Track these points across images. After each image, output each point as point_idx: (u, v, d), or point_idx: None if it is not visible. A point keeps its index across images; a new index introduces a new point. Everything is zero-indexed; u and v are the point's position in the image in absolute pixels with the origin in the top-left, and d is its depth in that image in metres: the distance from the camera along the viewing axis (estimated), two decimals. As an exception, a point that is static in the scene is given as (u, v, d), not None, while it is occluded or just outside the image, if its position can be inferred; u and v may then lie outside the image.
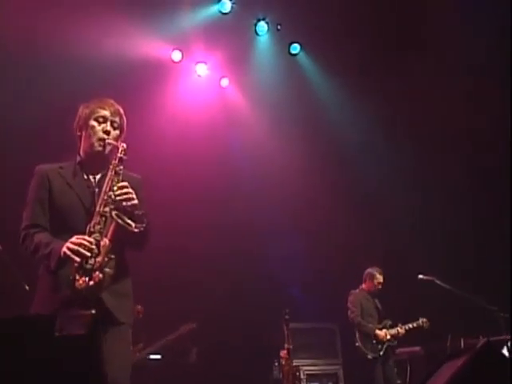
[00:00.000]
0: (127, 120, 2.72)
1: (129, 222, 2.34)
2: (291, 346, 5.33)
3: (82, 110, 2.62)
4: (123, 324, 2.47)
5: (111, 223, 2.35)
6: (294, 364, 6.05)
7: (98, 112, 2.57)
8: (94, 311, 1.51)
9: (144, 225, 2.35)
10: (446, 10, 5.79)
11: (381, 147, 6.89)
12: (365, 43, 6.31)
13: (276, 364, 5.91)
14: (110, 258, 2.31)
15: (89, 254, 2.26)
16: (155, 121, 6.01)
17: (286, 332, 5.35)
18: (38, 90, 5.05)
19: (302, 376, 6.07)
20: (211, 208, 6.44)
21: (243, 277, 6.61)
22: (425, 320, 5.85)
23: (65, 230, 2.38)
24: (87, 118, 2.57)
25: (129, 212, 2.36)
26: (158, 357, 5.69)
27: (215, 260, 6.47)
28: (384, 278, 5.96)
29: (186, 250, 6.30)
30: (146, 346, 5.62)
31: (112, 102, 2.65)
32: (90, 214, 2.40)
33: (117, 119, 2.60)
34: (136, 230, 2.33)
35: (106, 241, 2.32)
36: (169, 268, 6.16)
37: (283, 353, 5.35)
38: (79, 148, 2.64)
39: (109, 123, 2.57)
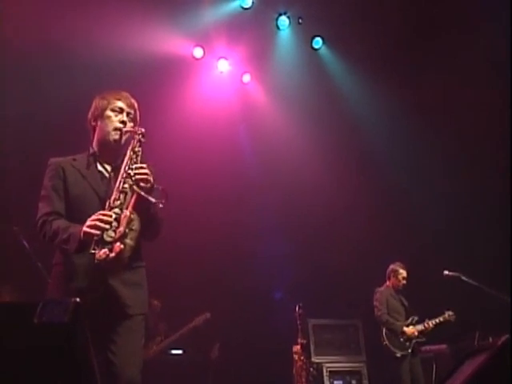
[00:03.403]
0: (149, 116, 2.75)
1: (148, 197, 2.35)
2: (305, 341, 5.29)
3: (99, 101, 2.65)
4: (135, 315, 2.46)
5: (131, 197, 2.36)
6: (317, 360, 6.03)
7: (114, 103, 2.61)
8: (78, 299, 1.48)
9: (163, 201, 2.36)
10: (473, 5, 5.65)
11: (405, 141, 6.77)
12: (388, 36, 6.21)
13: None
14: (132, 229, 2.29)
15: (107, 226, 2.25)
16: (177, 117, 6.04)
17: (299, 327, 5.32)
18: (60, 89, 5.11)
19: (324, 373, 6.04)
20: (228, 203, 6.46)
21: (264, 272, 6.62)
22: (451, 313, 5.74)
23: (79, 220, 2.39)
24: (104, 109, 2.60)
25: (147, 190, 2.37)
26: (180, 352, 5.73)
27: (235, 256, 6.49)
28: (408, 274, 5.87)
29: (202, 246, 6.33)
30: (164, 339, 5.68)
31: (127, 94, 2.69)
32: (103, 204, 2.41)
33: (132, 111, 2.65)
34: (155, 201, 2.34)
35: (126, 213, 2.31)
36: (188, 264, 6.19)
37: (296, 348, 5.31)
38: (92, 139, 2.66)
39: (125, 114, 2.61)
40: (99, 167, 2.61)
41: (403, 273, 5.85)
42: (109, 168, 2.61)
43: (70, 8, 5.12)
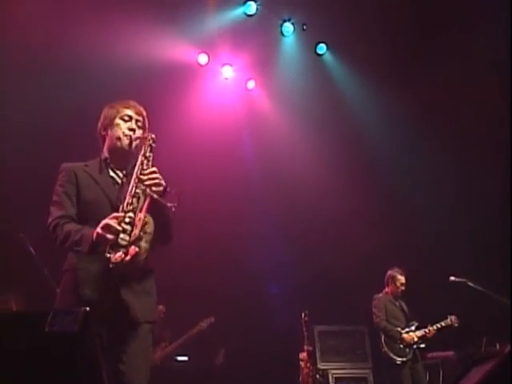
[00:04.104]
0: (154, 122, 2.78)
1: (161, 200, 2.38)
2: (311, 348, 5.28)
3: (108, 110, 2.69)
4: (144, 323, 2.46)
5: (144, 201, 2.38)
6: (323, 367, 6.01)
7: (123, 111, 2.66)
8: (87, 308, 1.49)
9: (176, 204, 2.38)
10: (474, 6, 5.65)
11: (409, 147, 6.77)
12: (392, 41, 6.21)
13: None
14: (146, 232, 2.30)
15: (120, 228, 2.26)
16: (182, 123, 6.06)
17: (305, 334, 5.31)
18: (64, 95, 5.15)
19: (330, 379, 6.01)
20: (232, 209, 6.47)
21: (268, 278, 6.62)
22: (453, 318, 5.64)
23: (92, 225, 2.39)
24: (113, 118, 2.65)
25: (159, 194, 2.40)
26: (185, 358, 5.73)
27: (239, 262, 6.49)
28: (407, 279, 5.83)
29: (207, 251, 6.35)
30: (169, 345, 5.68)
31: (135, 103, 2.73)
32: (115, 209, 2.42)
33: (140, 119, 2.69)
34: (169, 205, 2.36)
35: (140, 216, 2.32)
36: (192, 269, 6.20)
37: (302, 355, 5.30)
38: (102, 147, 2.70)
39: (134, 121, 2.65)
40: (111, 173, 2.63)
41: (401, 279, 5.80)
42: (120, 174, 2.64)
43: (76, 14, 5.15)
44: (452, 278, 5.41)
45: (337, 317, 6.44)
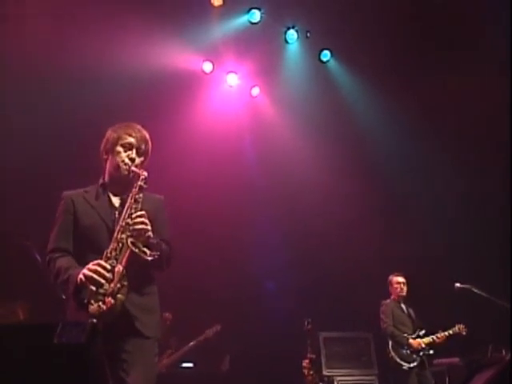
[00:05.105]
0: (160, 130, 2.81)
1: (144, 249, 2.41)
2: (314, 356, 5.29)
3: (110, 135, 2.72)
4: (148, 338, 2.51)
5: (126, 250, 2.42)
6: (328, 374, 5.99)
7: (125, 139, 2.67)
8: (94, 320, 1.54)
9: (158, 253, 2.43)
10: (479, 11, 5.66)
11: (413, 152, 6.77)
12: (395, 48, 6.23)
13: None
14: (123, 285, 2.36)
15: (103, 280, 2.33)
16: (187, 131, 6.10)
17: (308, 341, 5.34)
18: (72, 103, 5.20)
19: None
20: (237, 215, 6.49)
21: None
22: (462, 326, 5.66)
23: (90, 249, 2.50)
24: (114, 144, 2.68)
25: (144, 240, 2.43)
26: (190, 365, 5.73)
27: (244, 268, 6.50)
28: (408, 280, 5.84)
29: (212, 257, 6.36)
30: (175, 352, 5.68)
31: (139, 127, 2.74)
32: (112, 233, 2.48)
33: (142, 146, 2.70)
34: (149, 258, 2.40)
35: (120, 267, 2.38)
36: (196, 276, 6.22)
37: (305, 362, 5.31)
38: (104, 169, 2.75)
39: (134, 150, 2.67)
40: (109, 197, 2.68)
41: (398, 279, 5.85)
42: (117, 199, 2.68)
43: (83, 24, 5.21)
44: (457, 285, 5.40)
45: (340, 323, 6.42)
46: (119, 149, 2.66)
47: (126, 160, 2.63)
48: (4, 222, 4.72)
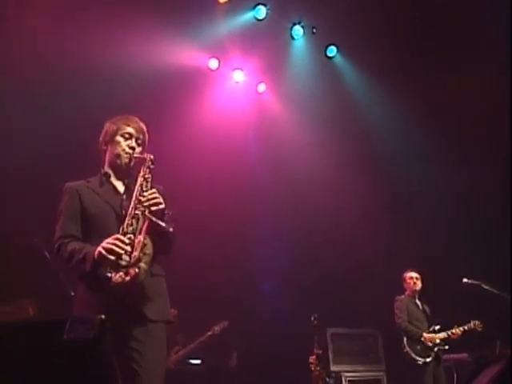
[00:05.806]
0: (166, 127, 2.83)
1: (160, 222, 2.44)
2: (320, 351, 5.31)
3: (109, 126, 2.76)
4: (156, 322, 2.51)
5: (144, 223, 2.45)
6: (335, 369, 6.00)
7: (124, 129, 2.72)
8: (103, 316, 1.55)
9: (173, 224, 2.45)
10: (479, 11, 5.63)
11: (419, 148, 6.75)
12: (402, 44, 6.20)
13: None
14: (145, 254, 2.37)
15: (122, 251, 2.35)
16: (193, 128, 6.11)
17: (315, 337, 5.36)
18: (76, 101, 5.21)
19: (343, 382, 6.00)
20: (242, 212, 6.49)
21: (278, 280, 6.63)
22: (477, 322, 5.64)
23: (100, 235, 2.48)
24: (113, 134, 2.72)
25: (158, 215, 2.46)
26: (198, 361, 5.76)
27: (249, 265, 6.52)
28: (422, 277, 5.84)
29: (218, 254, 6.37)
30: (183, 349, 5.70)
31: (136, 119, 2.80)
32: (120, 218, 2.51)
33: (141, 136, 2.75)
34: (170, 229, 2.43)
35: (140, 238, 2.40)
36: (203, 272, 6.23)
37: (312, 358, 5.33)
38: (103, 161, 2.78)
39: (134, 140, 2.72)
40: (112, 182, 2.72)
41: (411, 274, 5.86)
42: (121, 184, 2.73)
43: (88, 21, 5.21)
44: (465, 280, 5.39)
45: (345, 320, 6.43)
46: (119, 139, 2.70)
47: (127, 149, 2.68)
48: (4, 222, 4.73)
